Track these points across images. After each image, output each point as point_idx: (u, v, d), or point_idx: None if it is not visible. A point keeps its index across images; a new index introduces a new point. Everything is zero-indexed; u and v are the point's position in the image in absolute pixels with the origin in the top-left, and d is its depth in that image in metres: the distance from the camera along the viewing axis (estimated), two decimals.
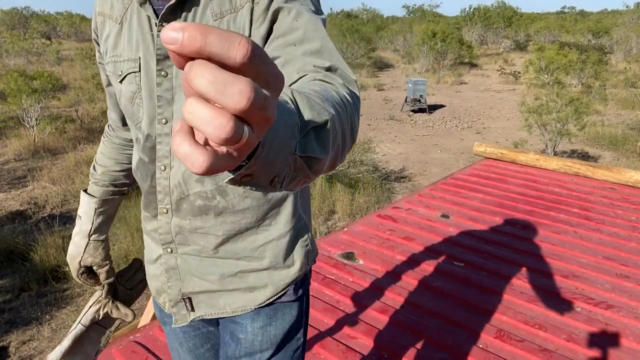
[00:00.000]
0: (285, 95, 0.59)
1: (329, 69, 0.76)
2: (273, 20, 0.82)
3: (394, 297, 2.30)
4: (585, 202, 3.38)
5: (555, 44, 19.28)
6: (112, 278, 1.22)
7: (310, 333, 2.04)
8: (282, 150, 0.52)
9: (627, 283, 2.41)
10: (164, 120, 0.92)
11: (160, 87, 0.90)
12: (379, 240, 2.85)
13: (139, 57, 0.91)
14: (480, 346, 1.97)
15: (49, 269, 4.48)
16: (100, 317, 1.23)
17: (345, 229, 3.00)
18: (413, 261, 2.62)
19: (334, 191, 6.32)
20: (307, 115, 0.59)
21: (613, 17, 43.75)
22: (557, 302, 2.26)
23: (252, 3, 0.84)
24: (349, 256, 2.68)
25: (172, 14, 0.86)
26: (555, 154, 8.37)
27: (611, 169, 3.74)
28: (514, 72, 17.55)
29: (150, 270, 1.10)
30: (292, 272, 1.01)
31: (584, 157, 8.75)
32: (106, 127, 1.22)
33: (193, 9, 0.87)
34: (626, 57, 21.44)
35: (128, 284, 1.27)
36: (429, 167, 8.31)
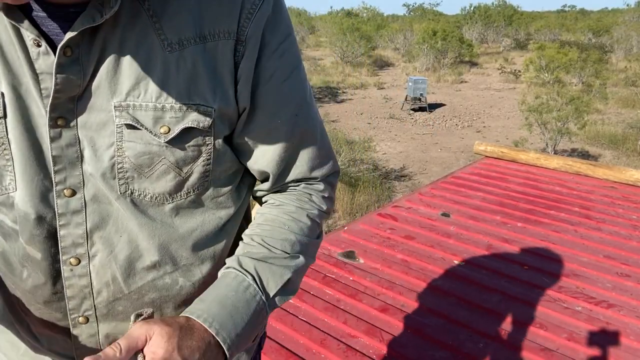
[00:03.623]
0: (246, 273, 0.63)
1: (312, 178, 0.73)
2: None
3: (395, 296, 2.30)
4: (585, 201, 3.38)
5: (556, 43, 19.28)
6: None
7: (311, 332, 2.04)
8: (253, 333, 0.61)
9: (627, 282, 2.41)
10: (66, 192, 0.59)
11: (57, 142, 0.57)
12: (380, 239, 2.85)
13: (2, 94, 0.57)
14: (481, 345, 1.97)
15: None
16: None
17: (346, 228, 3.00)
18: (413, 260, 2.62)
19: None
20: (271, 288, 0.64)
21: (614, 15, 43.76)
22: (558, 301, 2.26)
23: (235, 40, 0.60)
24: (350, 255, 2.68)
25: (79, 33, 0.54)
26: (556, 152, 8.37)
27: (612, 167, 3.74)
28: (515, 70, 17.53)
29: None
30: None
31: (585, 155, 8.75)
32: None
33: (121, 25, 0.56)
34: (627, 55, 21.41)
35: None
36: (430, 165, 8.30)
